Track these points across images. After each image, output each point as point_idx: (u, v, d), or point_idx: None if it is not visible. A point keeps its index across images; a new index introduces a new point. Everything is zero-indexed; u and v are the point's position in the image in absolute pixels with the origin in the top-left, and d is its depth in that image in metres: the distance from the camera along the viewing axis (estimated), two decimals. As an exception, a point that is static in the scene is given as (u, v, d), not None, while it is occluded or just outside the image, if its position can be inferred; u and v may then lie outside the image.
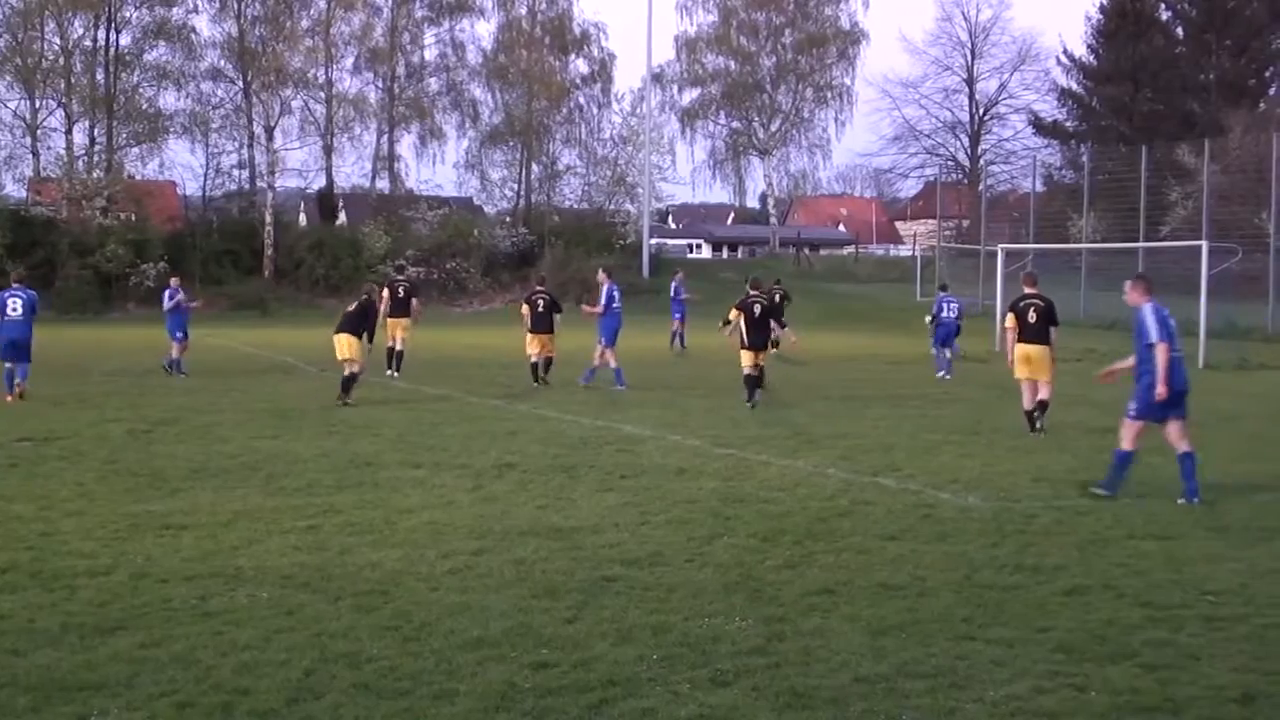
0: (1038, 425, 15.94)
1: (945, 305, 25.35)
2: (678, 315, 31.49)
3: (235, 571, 8.46)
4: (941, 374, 24.29)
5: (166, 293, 24.07)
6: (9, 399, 18.53)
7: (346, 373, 19.03)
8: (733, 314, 19.41)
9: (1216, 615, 7.66)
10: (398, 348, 23.29)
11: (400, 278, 25.45)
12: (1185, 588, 8.30)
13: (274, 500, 11.04)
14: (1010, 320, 16.50)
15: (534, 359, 21.84)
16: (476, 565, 8.70)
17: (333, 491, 11.48)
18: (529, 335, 21.98)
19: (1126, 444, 11.44)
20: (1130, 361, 11.79)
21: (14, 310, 18.90)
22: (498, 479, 12.18)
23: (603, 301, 22.35)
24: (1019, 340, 16.22)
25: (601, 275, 23.59)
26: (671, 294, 32.61)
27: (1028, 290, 16.62)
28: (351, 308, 19.77)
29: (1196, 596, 8.09)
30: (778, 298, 30.00)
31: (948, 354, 24.79)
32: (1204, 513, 10.79)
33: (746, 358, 19.14)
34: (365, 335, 19.29)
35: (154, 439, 14.88)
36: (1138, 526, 10.17)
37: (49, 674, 6.39)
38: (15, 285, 19.45)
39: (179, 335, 23.29)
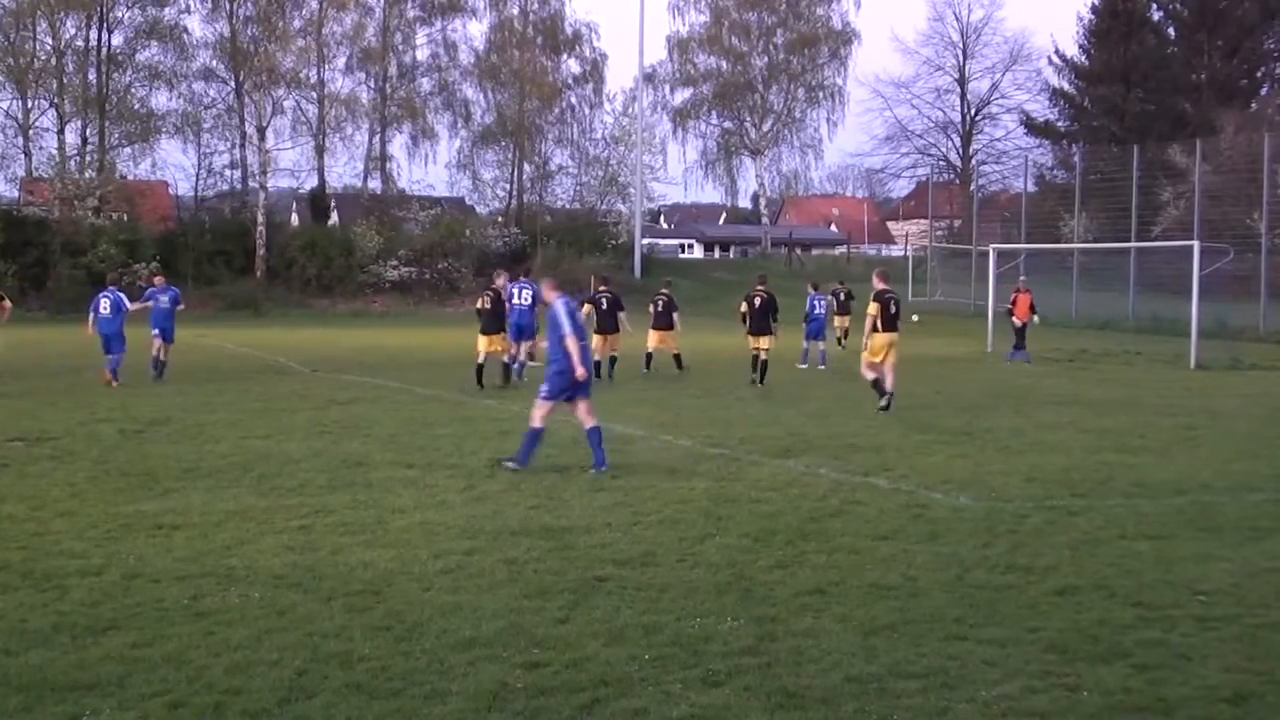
0: (884, 405, 17.97)
1: (815, 303, 27.21)
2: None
3: (227, 571, 8.46)
4: (804, 365, 26.32)
5: (146, 293, 24.49)
6: (111, 383, 20.82)
7: (481, 360, 20.66)
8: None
9: (1208, 615, 7.68)
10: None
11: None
12: (1177, 588, 8.32)
13: (266, 500, 11.02)
14: (875, 309, 18.20)
15: (596, 357, 21.89)
16: (469, 565, 8.70)
17: (325, 491, 11.47)
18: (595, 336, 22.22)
19: (537, 422, 12.67)
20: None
21: (105, 310, 21.76)
22: (490, 479, 12.17)
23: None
24: (882, 329, 18.13)
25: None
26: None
27: (883, 286, 18.62)
28: (487, 305, 20.90)
29: (1188, 596, 8.10)
30: (843, 296, 33.29)
31: (820, 346, 26.89)
32: (1196, 513, 10.82)
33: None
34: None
35: (146, 439, 14.86)
36: (1129, 526, 10.19)
37: (41, 674, 6.38)
38: (109, 287, 22.43)
39: (154, 331, 23.27)
